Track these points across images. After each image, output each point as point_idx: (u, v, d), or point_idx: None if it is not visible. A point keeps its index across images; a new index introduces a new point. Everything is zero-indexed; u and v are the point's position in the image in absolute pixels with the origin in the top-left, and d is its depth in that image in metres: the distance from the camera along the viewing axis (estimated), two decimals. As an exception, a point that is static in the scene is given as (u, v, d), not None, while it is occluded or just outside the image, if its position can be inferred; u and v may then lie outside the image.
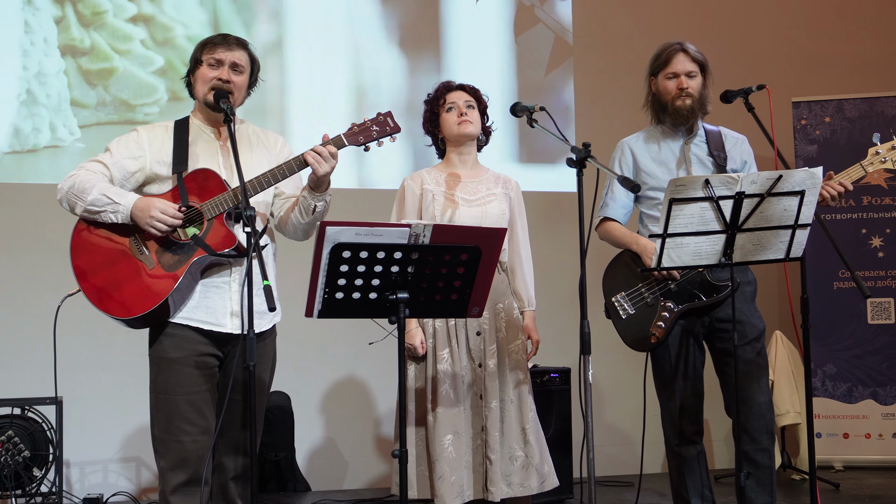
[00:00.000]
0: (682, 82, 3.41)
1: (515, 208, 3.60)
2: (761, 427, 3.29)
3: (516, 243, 3.58)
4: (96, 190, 2.85)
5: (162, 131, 3.03)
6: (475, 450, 3.38)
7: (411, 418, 3.39)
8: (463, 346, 3.42)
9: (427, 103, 3.61)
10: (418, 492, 3.36)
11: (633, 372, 3.83)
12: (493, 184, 3.56)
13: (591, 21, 5.96)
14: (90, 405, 4.89)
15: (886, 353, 5.49)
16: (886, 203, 5.59)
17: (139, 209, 2.83)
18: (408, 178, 3.56)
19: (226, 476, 2.98)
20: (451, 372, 3.38)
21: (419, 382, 3.41)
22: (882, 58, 6.18)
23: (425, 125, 3.61)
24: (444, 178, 3.53)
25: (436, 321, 3.41)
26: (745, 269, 3.39)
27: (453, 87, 3.57)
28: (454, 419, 3.35)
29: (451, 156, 3.57)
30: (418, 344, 3.38)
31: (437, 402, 3.35)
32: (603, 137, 3.89)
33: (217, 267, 2.92)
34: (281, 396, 5.06)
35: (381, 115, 3.03)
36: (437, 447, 3.31)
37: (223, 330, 2.92)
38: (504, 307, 3.48)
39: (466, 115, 3.49)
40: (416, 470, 3.37)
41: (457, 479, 3.30)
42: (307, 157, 2.88)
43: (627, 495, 5.04)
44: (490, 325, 3.44)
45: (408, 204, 3.51)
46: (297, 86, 5.46)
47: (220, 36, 3.05)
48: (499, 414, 3.38)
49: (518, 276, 3.58)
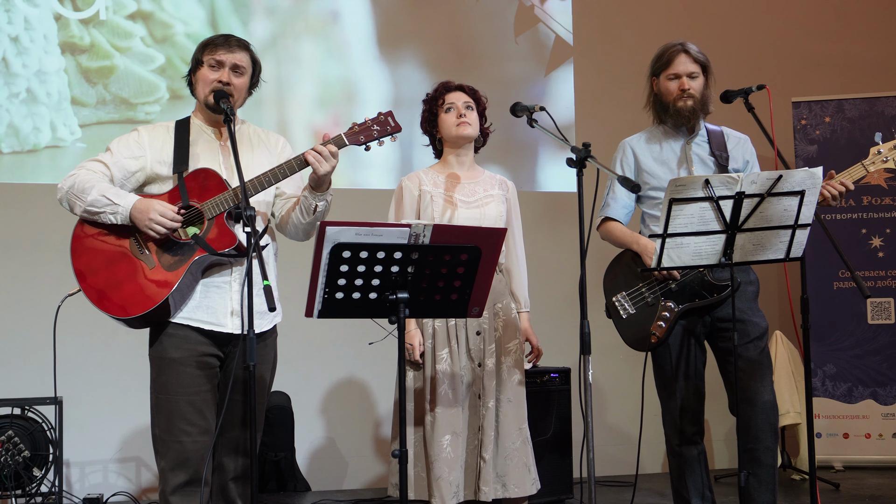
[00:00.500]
0: (683, 83, 3.41)
1: (512, 210, 3.60)
2: (766, 426, 3.28)
3: (513, 245, 3.59)
4: (96, 190, 2.85)
5: (163, 131, 3.03)
6: (471, 450, 3.38)
7: (410, 418, 3.39)
8: (463, 346, 3.42)
9: (426, 103, 3.60)
10: (415, 492, 3.35)
11: (633, 372, 3.83)
12: (491, 185, 3.56)
13: (591, 21, 5.96)
14: (90, 405, 4.89)
15: (886, 353, 5.49)
16: (886, 203, 5.59)
17: (138, 211, 2.83)
18: (405, 179, 3.56)
19: (226, 476, 2.98)
20: (451, 372, 3.38)
21: (418, 383, 3.41)
22: (882, 58, 6.18)
23: (423, 125, 3.60)
24: (442, 179, 3.52)
25: (435, 321, 3.41)
26: (747, 269, 3.39)
27: (452, 88, 3.56)
28: (453, 419, 3.35)
29: (448, 157, 3.57)
30: (416, 343, 3.38)
31: (435, 402, 3.35)
32: (603, 137, 3.89)
33: (218, 267, 2.92)
34: (281, 396, 5.06)
35: (382, 115, 3.01)
36: (435, 447, 3.31)
37: (223, 330, 2.92)
38: (502, 307, 3.48)
39: (465, 117, 3.48)
40: (414, 470, 3.36)
41: (454, 479, 3.31)
42: (308, 156, 2.87)
43: (627, 495, 5.02)
44: (489, 325, 3.44)
45: (406, 204, 3.51)
46: (294, 82, 5.46)
47: (221, 37, 3.03)
48: (495, 413, 3.38)
49: (514, 277, 3.58)
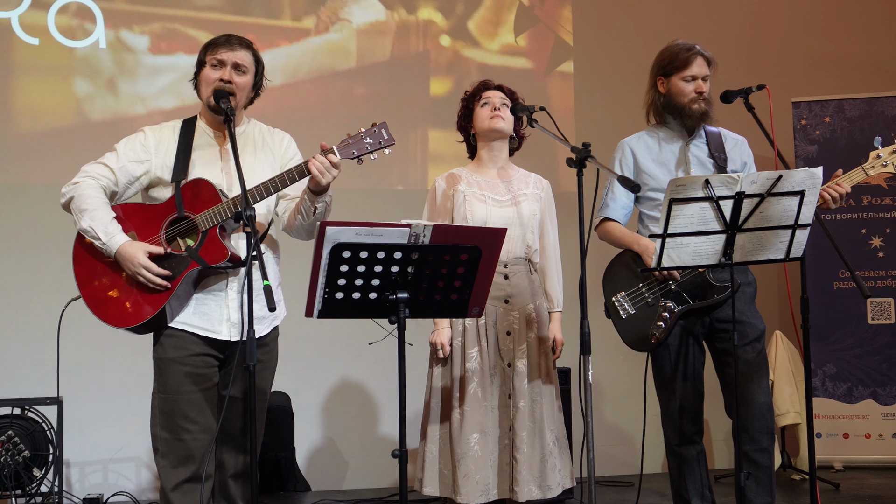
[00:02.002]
0: (700, 86, 3.42)
1: (546, 209, 3.59)
2: (761, 427, 3.29)
3: (547, 244, 3.58)
4: (88, 217, 2.88)
5: (168, 133, 3.04)
6: (502, 449, 3.38)
7: (435, 416, 3.41)
8: (493, 345, 3.42)
9: (463, 100, 3.61)
10: (440, 490, 3.36)
11: (633, 372, 3.83)
12: (524, 184, 3.56)
13: (591, 21, 5.96)
14: (90, 405, 4.89)
15: (886, 353, 5.49)
16: (886, 203, 5.59)
17: (123, 257, 2.86)
18: (439, 179, 3.57)
19: (225, 474, 2.99)
20: (480, 370, 3.38)
21: (445, 380, 3.41)
22: (882, 58, 6.18)
23: (459, 121, 3.62)
24: (476, 178, 3.53)
25: (466, 320, 3.41)
26: (745, 270, 3.39)
27: (491, 86, 3.57)
28: (482, 418, 3.35)
29: (481, 153, 3.57)
30: (446, 341, 3.39)
31: (464, 399, 3.35)
32: (603, 137, 3.89)
33: (214, 276, 2.95)
34: (281, 396, 5.06)
35: (376, 127, 2.93)
36: (462, 445, 3.31)
37: (219, 337, 2.94)
38: (535, 307, 3.48)
39: (499, 111, 3.49)
40: (438, 468, 3.37)
41: (482, 477, 3.30)
42: (312, 167, 2.84)
43: (627, 495, 5.03)
44: (521, 325, 3.44)
45: (439, 204, 3.52)
46: (291, 78, 5.46)
47: (223, 37, 3.04)
48: (528, 414, 3.38)
49: (549, 277, 3.57)
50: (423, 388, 3.48)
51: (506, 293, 3.43)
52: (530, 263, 3.51)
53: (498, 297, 3.41)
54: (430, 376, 3.48)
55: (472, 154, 3.64)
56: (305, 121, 5.32)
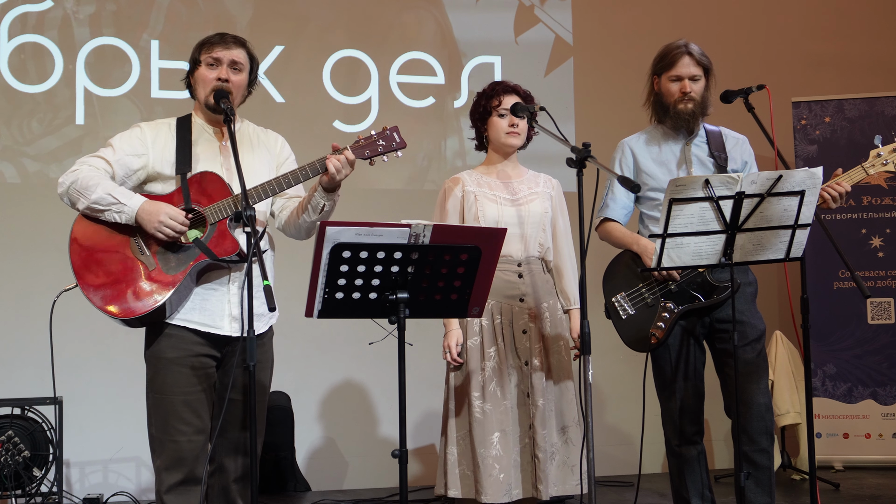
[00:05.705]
0: (685, 86, 3.40)
1: (557, 207, 3.60)
2: (761, 428, 3.29)
3: (559, 242, 3.59)
4: (101, 188, 2.83)
5: (165, 129, 3.02)
6: (523, 448, 3.39)
7: (455, 416, 3.42)
8: (510, 344, 3.43)
9: (480, 96, 3.59)
10: (462, 491, 3.37)
11: (633, 372, 3.83)
12: (534, 183, 3.58)
13: (591, 21, 5.96)
14: (90, 405, 4.89)
15: (886, 353, 5.49)
16: (886, 203, 5.59)
17: (146, 213, 2.81)
18: (448, 181, 3.58)
19: (227, 478, 2.97)
20: (499, 369, 3.39)
21: (464, 381, 3.41)
22: (882, 58, 6.18)
23: (473, 116, 3.60)
24: (486, 178, 3.54)
25: (482, 319, 3.42)
26: (745, 270, 3.39)
27: (510, 90, 3.54)
28: (502, 417, 3.36)
29: (492, 155, 3.59)
30: (453, 344, 3.40)
31: (484, 399, 3.36)
32: (603, 137, 3.89)
33: (216, 271, 2.92)
34: (281, 396, 5.06)
35: (388, 130, 3.00)
36: (484, 445, 3.32)
37: (220, 332, 2.92)
38: (549, 307, 3.49)
39: (516, 127, 3.49)
40: (459, 469, 3.38)
41: (505, 477, 3.31)
42: (329, 163, 2.86)
43: (627, 495, 5.03)
44: (535, 324, 3.45)
45: (449, 206, 3.53)
46: (288, 77, 5.46)
47: (217, 35, 3.03)
48: (544, 412, 3.39)
49: (564, 275, 3.58)
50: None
51: (521, 292, 3.45)
52: (544, 262, 3.52)
53: (513, 295, 3.43)
54: (448, 377, 3.49)
55: (480, 144, 3.64)
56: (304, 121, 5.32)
